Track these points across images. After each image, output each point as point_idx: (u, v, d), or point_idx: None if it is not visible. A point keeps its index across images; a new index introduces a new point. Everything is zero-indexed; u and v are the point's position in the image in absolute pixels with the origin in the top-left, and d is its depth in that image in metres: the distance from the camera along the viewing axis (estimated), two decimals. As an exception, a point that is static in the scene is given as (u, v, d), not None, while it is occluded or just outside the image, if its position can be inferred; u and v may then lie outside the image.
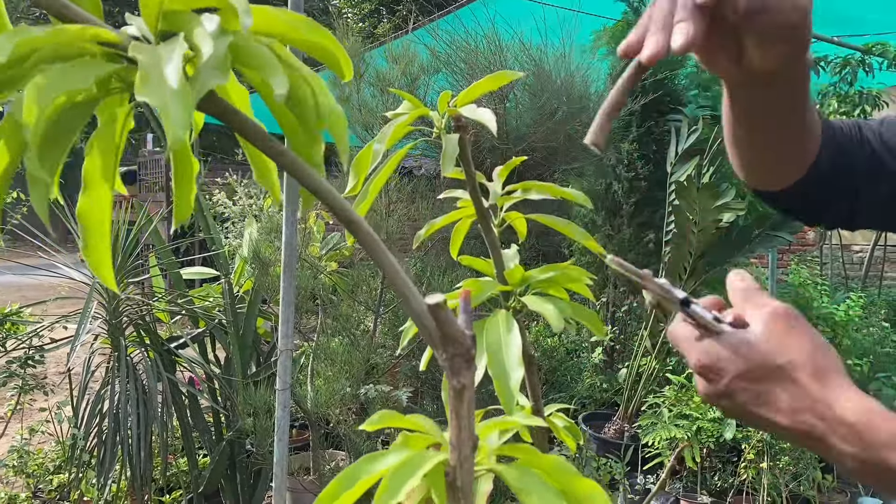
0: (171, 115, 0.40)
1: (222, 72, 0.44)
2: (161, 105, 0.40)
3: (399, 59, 3.09)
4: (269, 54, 0.48)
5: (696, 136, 3.97)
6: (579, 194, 0.87)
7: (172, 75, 0.42)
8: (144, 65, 0.43)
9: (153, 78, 0.41)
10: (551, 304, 0.84)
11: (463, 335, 0.60)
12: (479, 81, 0.86)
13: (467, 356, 0.60)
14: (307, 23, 0.54)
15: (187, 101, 0.41)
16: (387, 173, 0.85)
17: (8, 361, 2.71)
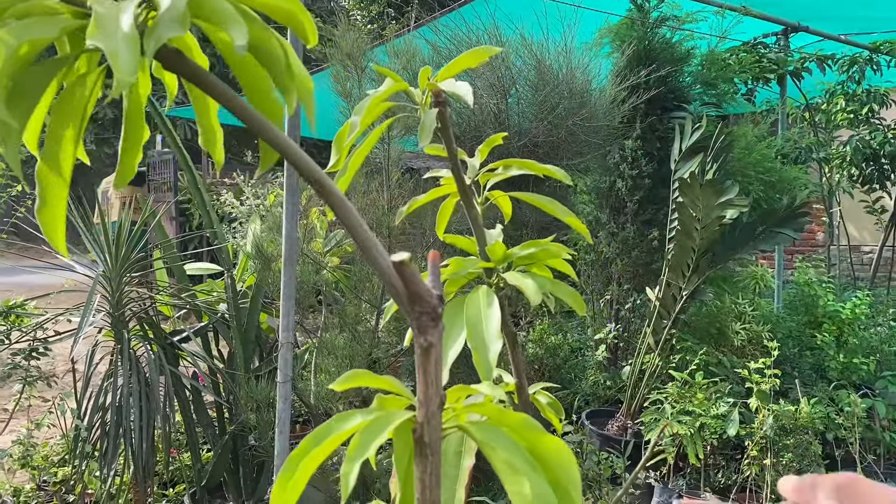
0: (119, 59, 0.41)
1: (180, 24, 0.45)
2: (111, 49, 0.41)
3: (400, 55, 3.10)
4: (229, 7, 0.49)
5: (699, 133, 3.96)
6: (558, 170, 0.88)
7: (125, 23, 0.43)
8: (99, 14, 0.44)
9: (105, 24, 0.42)
10: (530, 279, 0.85)
11: (429, 293, 0.61)
12: (458, 57, 0.87)
13: (433, 314, 0.61)
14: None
15: (135, 46, 0.42)
16: (366, 149, 0.86)
17: (12, 353, 2.74)
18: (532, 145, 2.99)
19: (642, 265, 4.27)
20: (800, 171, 4.70)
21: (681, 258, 3.93)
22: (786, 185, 4.55)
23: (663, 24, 4.31)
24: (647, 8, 4.27)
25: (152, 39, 0.44)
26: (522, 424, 0.60)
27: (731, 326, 4.50)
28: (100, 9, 0.45)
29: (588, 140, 3.01)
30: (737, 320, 4.56)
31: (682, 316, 4.12)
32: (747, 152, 4.39)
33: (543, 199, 0.92)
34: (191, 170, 2.97)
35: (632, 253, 4.26)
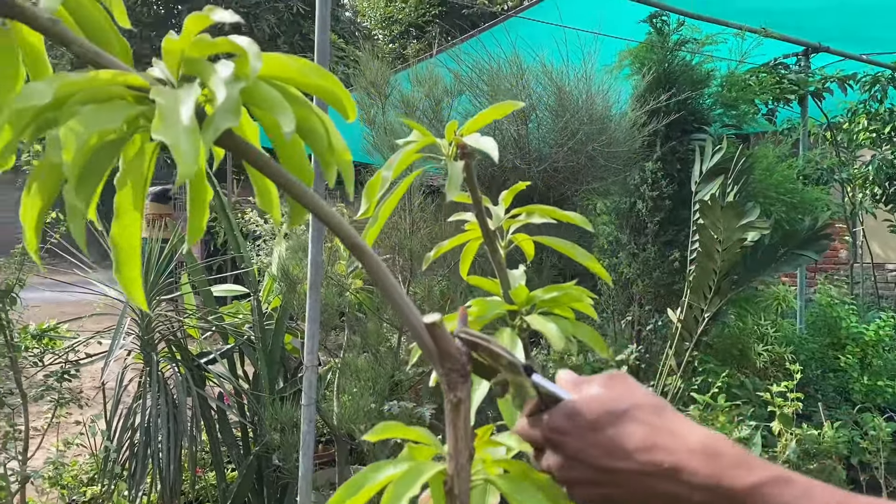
0: (181, 152, 0.45)
1: (234, 114, 0.50)
2: (173, 143, 0.45)
3: (423, 83, 3.16)
4: (278, 95, 0.54)
5: (720, 154, 3.98)
6: (580, 217, 0.92)
7: (185, 117, 0.47)
8: (161, 107, 0.48)
9: (168, 119, 0.47)
10: (553, 323, 0.88)
11: (458, 351, 0.65)
12: (484, 112, 0.91)
13: (463, 371, 0.65)
14: (315, 68, 0.60)
15: (196, 140, 0.46)
16: (396, 198, 0.90)
17: (45, 375, 2.81)
18: (552, 170, 3.03)
19: (663, 286, 4.28)
20: (822, 192, 4.69)
21: (702, 280, 3.93)
22: (807, 206, 4.54)
23: (682, 46, 4.34)
24: (666, 31, 4.31)
25: (210, 130, 0.49)
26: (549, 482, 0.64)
27: (754, 348, 4.49)
28: (161, 101, 0.50)
29: (608, 165, 3.04)
30: (759, 342, 4.55)
31: (705, 338, 4.12)
32: (768, 173, 4.39)
33: (564, 244, 0.96)
34: (218, 195, 3.04)
35: (653, 274, 4.27)
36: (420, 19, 16.32)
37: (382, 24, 17.27)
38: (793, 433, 3.42)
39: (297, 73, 0.59)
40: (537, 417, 0.65)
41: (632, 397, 0.61)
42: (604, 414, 0.60)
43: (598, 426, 0.60)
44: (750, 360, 4.46)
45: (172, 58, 0.56)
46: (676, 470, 0.57)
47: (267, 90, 0.54)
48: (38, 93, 0.50)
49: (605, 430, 0.60)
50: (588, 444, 0.60)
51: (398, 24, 16.81)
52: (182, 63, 0.56)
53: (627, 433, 0.59)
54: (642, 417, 0.60)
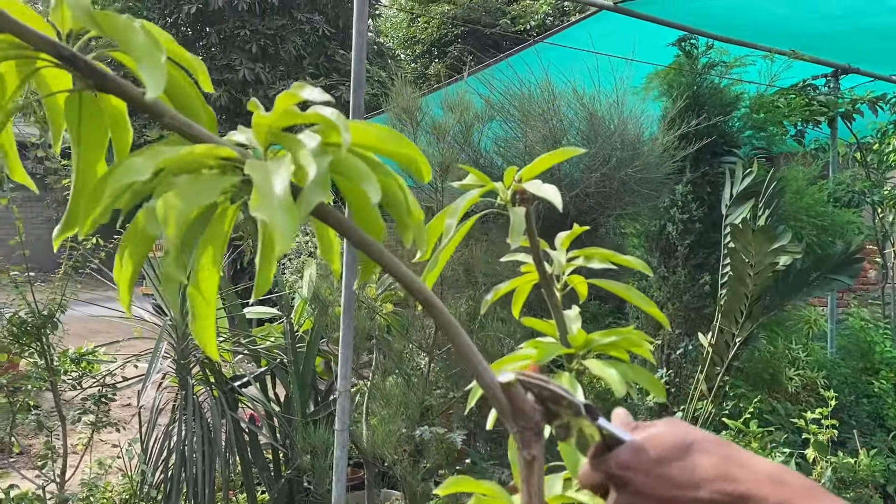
0: (279, 230, 0.47)
1: (324, 189, 0.52)
2: (272, 221, 0.47)
3: (454, 108, 3.18)
4: (364, 166, 0.55)
5: (751, 178, 3.96)
6: (640, 262, 0.92)
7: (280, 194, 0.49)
8: (258, 184, 0.50)
9: (265, 196, 0.48)
10: (614, 368, 0.89)
11: (533, 410, 0.66)
12: (541, 158, 0.92)
13: (537, 430, 0.65)
14: (393, 135, 0.62)
15: (293, 217, 0.48)
16: (455, 243, 0.91)
17: (83, 398, 2.85)
18: (583, 195, 3.04)
19: (694, 310, 4.25)
20: (853, 215, 4.65)
21: (734, 304, 3.90)
22: (838, 229, 4.49)
23: (711, 69, 4.34)
24: (695, 54, 4.31)
25: (303, 206, 0.50)
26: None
27: (785, 372, 4.43)
28: (257, 178, 0.51)
29: (640, 190, 3.04)
30: (790, 366, 4.49)
31: (736, 362, 4.08)
32: (799, 196, 4.36)
33: (620, 286, 0.96)
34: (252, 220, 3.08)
35: (683, 297, 4.25)
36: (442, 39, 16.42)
37: (405, 43, 17.40)
38: (828, 461, 3.37)
39: (376, 141, 0.60)
40: (602, 459, 0.66)
41: (694, 433, 0.64)
42: (670, 448, 0.62)
43: (665, 460, 0.62)
44: (781, 385, 4.40)
45: (261, 130, 0.57)
46: (746, 498, 0.58)
47: (354, 162, 0.56)
48: (137, 169, 0.52)
49: (673, 463, 0.61)
50: (655, 478, 0.61)
51: (420, 43, 16.92)
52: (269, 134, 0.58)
53: (695, 464, 0.61)
54: (709, 448, 0.62)
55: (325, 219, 0.58)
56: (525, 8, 15.71)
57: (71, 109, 0.64)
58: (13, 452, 4.20)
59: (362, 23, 2.50)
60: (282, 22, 10.71)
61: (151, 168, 0.52)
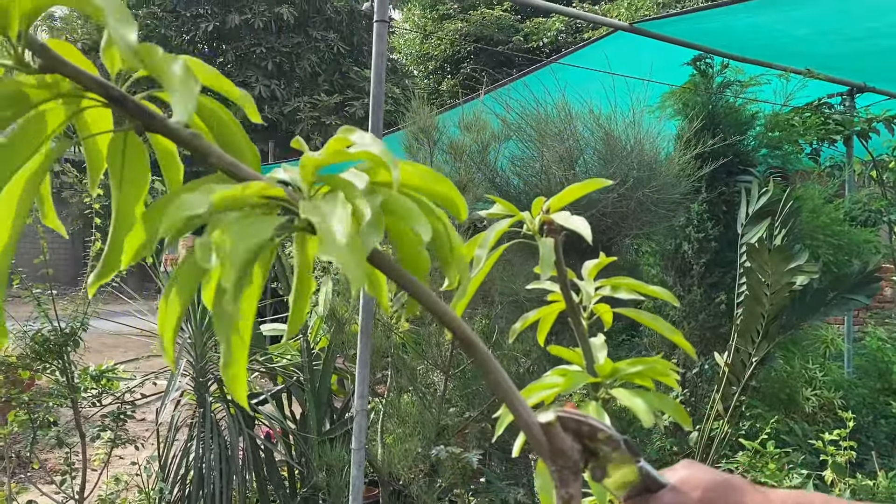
0: (352, 271, 0.48)
1: (378, 230, 0.53)
2: (344, 264, 0.48)
3: (471, 128, 3.21)
4: (414, 206, 0.57)
5: (766, 197, 3.95)
6: (666, 293, 0.93)
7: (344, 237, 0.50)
8: (322, 229, 0.51)
9: (331, 242, 0.49)
10: (640, 398, 0.89)
11: (572, 449, 0.66)
12: (570, 188, 0.93)
13: (575, 469, 0.66)
14: (432, 174, 0.63)
15: (362, 258, 0.49)
16: (484, 272, 0.92)
17: (102, 416, 2.87)
18: (600, 215, 3.04)
19: (709, 329, 4.23)
20: (870, 234, 4.62)
21: (750, 324, 3.88)
22: (855, 249, 4.47)
23: (726, 89, 4.35)
24: (710, 74, 4.32)
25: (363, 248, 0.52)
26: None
27: (802, 392, 4.40)
28: (319, 221, 0.52)
29: (656, 210, 3.04)
30: (807, 385, 4.46)
31: (752, 382, 4.05)
32: (815, 215, 4.34)
33: (648, 316, 0.97)
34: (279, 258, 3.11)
35: (699, 316, 4.23)
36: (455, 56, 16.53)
37: (418, 60, 17.52)
38: (846, 483, 3.34)
39: (419, 181, 0.62)
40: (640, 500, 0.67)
41: (723, 474, 0.68)
42: (711, 488, 0.65)
43: (710, 501, 0.65)
44: (798, 405, 4.37)
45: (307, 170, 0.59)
46: None
47: (405, 202, 0.57)
48: (194, 204, 0.53)
49: (715, 500, 0.65)
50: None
51: (433, 60, 17.03)
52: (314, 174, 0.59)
53: (737, 500, 0.65)
54: (741, 486, 0.66)
55: (376, 262, 0.59)
56: (537, 25, 15.78)
57: (114, 151, 0.66)
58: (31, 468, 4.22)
59: (382, 44, 2.53)
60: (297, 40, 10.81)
61: (208, 204, 0.53)
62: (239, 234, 0.53)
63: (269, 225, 0.55)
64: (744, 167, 4.31)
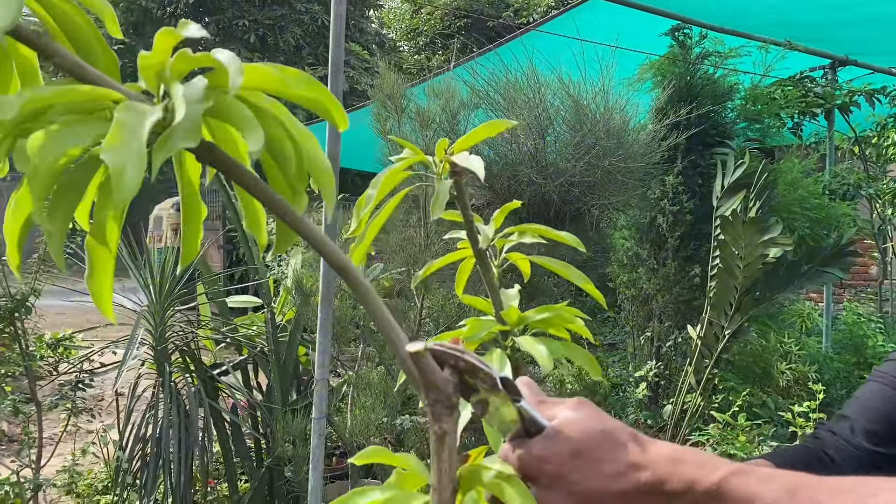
0: (123, 178, 0.43)
1: (194, 136, 0.48)
2: (117, 168, 0.43)
3: (440, 95, 3.15)
4: (247, 113, 0.52)
5: (742, 169, 3.92)
6: (573, 238, 0.89)
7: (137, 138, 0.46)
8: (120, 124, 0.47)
9: (117, 143, 0.45)
10: (543, 345, 0.86)
11: (445, 382, 0.63)
12: (476, 129, 0.89)
13: (448, 403, 0.62)
14: (300, 77, 0.58)
15: (141, 166, 0.44)
16: (384, 216, 0.88)
17: (60, 384, 2.83)
18: (568, 185, 3.00)
19: (684, 302, 4.21)
20: (848, 208, 4.60)
21: (723, 296, 3.87)
22: (833, 222, 4.45)
23: (705, 60, 4.30)
24: (688, 44, 4.27)
25: (162, 152, 0.47)
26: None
27: (777, 366, 4.40)
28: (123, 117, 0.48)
29: (625, 180, 3.00)
30: (782, 360, 4.46)
31: (725, 355, 4.05)
32: (792, 188, 4.32)
33: (558, 264, 0.93)
34: (233, 207, 3.06)
35: (673, 290, 4.22)
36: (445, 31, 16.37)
37: (407, 35, 17.35)
38: (815, 455, 3.34)
39: (279, 84, 0.57)
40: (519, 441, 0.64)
41: (605, 422, 0.63)
42: (585, 439, 0.61)
43: (579, 452, 0.61)
44: (773, 379, 4.37)
45: (149, 73, 0.54)
46: (656, 483, 0.59)
47: (237, 107, 0.52)
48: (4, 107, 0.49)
49: (586, 455, 0.61)
50: (570, 470, 0.61)
51: (423, 35, 16.87)
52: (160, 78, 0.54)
53: (610, 457, 0.61)
54: (621, 440, 0.62)
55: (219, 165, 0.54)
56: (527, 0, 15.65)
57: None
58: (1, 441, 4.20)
59: (340, 6, 2.47)
60: (281, 12, 10.68)
61: (17, 106, 0.49)
62: (53, 139, 0.48)
63: (91, 131, 0.50)
64: (721, 139, 4.27)
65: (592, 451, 0.61)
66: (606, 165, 2.88)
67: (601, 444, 0.61)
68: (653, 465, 0.60)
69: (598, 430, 0.62)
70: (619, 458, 0.61)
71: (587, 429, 0.62)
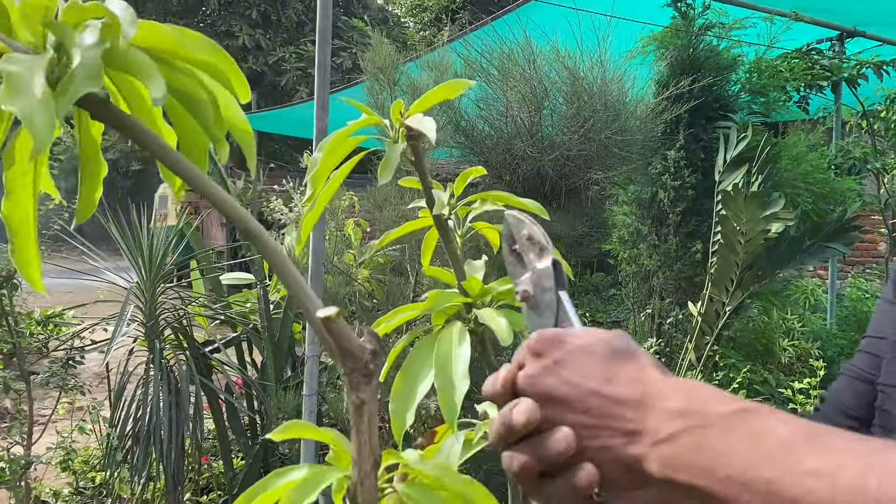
0: (35, 123, 0.40)
1: (93, 80, 0.44)
2: (26, 114, 0.40)
3: (433, 68, 3.09)
4: (147, 60, 0.48)
5: (745, 143, 3.85)
6: (535, 204, 0.85)
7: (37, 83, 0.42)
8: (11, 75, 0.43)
9: (18, 87, 0.41)
10: (504, 317, 0.82)
11: (361, 349, 0.58)
12: (433, 90, 0.84)
13: (365, 371, 0.58)
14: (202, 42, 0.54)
15: (50, 110, 0.41)
16: (336, 184, 0.84)
17: (50, 362, 2.82)
18: (564, 159, 2.95)
19: (685, 278, 4.16)
20: (853, 183, 4.52)
21: (724, 272, 3.81)
22: (838, 197, 4.38)
23: (708, 31, 4.20)
24: (691, 16, 4.17)
25: (66, 97, 0.43)
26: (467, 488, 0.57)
27: (779, 343, 4.35)
28: (12, 67, 0.44)
29: (622, 154, 2.94)
30: (785, 336, 4.41)
31: (726, 332, 4.00)
32: (796, 163, 4.24)
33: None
34: (224, 182, 3.02)
35: (674, 266, 4.16)
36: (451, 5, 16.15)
37: (413, 11, 17.14)
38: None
39: (174, 44, 0.53)
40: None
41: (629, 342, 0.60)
42: (601, 343, 0.59)
43: (593, 351, 0.58)
44: (775, 356, 4.33)
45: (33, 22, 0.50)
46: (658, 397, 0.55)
47: (134, 54, 0.48)
48: None
49: (599, 356, 0.58)
50: (577, 360, 0.58)
51: (428, 11, 16.66)
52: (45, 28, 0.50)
53: (621, 368, 0.57)
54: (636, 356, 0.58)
55: (112, 121, 0.50)
56: (534, -25, 15.41)
57: None
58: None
59: (328, -25, 2.41)
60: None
61: None
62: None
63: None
64: (724, 113, 4.19)
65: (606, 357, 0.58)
66: (603, 139, 2.82)
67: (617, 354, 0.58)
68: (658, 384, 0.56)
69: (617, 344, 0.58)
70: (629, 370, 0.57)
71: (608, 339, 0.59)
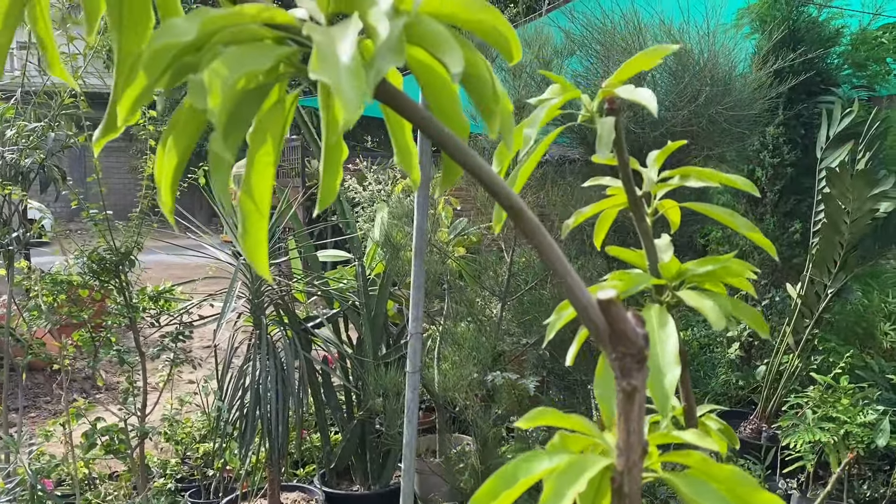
0: (343, 94, 0.38)
1: (398, 53, 0.43)
2: (334, 84, 0.39)
3: (532, 43, 3.04)
4: (447, 32, 0.46)
5: (850, 118, 3.68)
6: (744, 180, 0.81)
7: (346, 54, 0.41)
8: (319, 44, 0.42)
9: (328, 57, 0.40)
10: (711, 300, 0.79)
11: (635, 334, 0.56)
12: (632, 59, 0.81)
13: (639, 357, 0.56)
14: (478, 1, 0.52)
15: (360, 81, 0.40)
16: (536, 158, 0.82)
17: (161, 336, 2.91)
18: (668, 135, 2.86)
19: (782, 260, 4.03)
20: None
21: (826, 253, 3.67)
22: (950, 175, 4.15)
23: (809, 1, 4.02)
24: (791, -15, 4.00)
25: (373, 72, 0.42)
26: (732, 478, 0.55)
27: (880, 327, 4.18)
28: (319, 38, 0.43)
29: (730, 129, 2.84)
30: (886, 320, 4.23)
31: (826, 315, 3.87)
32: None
33: (723, 212, 0.85)
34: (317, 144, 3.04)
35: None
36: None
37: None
38: (927, 421, 3.17)
39: (457, 7, 0.51)
40: None
41: None
42: None
43: None
44: (875, 340, 4.16)
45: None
46: None
47: (434, 26, 0.47)
48: (179, 29, 0.44)
49: None
50: None
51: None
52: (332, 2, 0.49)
53: None
54: None
55: (390, 99, 0.49)
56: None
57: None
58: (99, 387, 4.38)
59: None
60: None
61: (196, 28, 0.44)
62: (230, 61, 0.44)
63: (267, 53, 0.46)
64: (826, 87, 4.01)
65: None
66: (712, 114, 2.73)
67: None
68: None
69: None
70: None
71: None
